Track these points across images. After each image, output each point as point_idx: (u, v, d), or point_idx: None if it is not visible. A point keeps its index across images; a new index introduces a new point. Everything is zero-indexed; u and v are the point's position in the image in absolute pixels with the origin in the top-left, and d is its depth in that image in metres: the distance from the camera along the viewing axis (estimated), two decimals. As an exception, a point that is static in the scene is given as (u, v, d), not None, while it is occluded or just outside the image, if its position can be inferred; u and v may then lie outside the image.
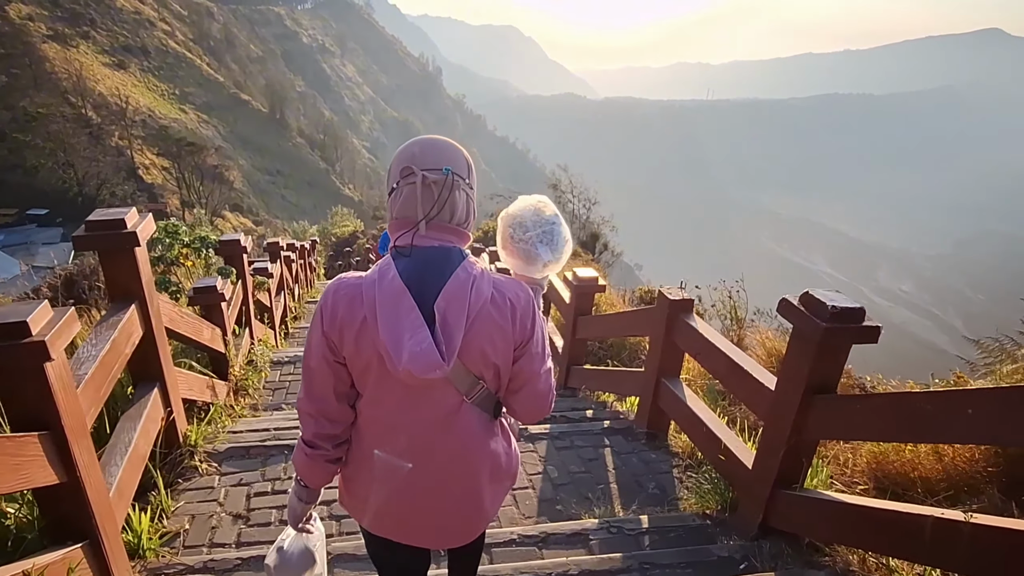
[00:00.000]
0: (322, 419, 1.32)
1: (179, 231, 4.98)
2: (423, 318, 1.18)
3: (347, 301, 1.22)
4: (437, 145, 1.26)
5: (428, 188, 1.21)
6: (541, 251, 1.52)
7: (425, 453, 1.30)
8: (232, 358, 4.49)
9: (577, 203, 26.71)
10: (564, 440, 3.59)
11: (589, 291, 4.70)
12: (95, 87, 70.26)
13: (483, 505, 1.40)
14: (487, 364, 1.26)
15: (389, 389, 1.25)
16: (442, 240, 1.25)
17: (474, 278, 1.21)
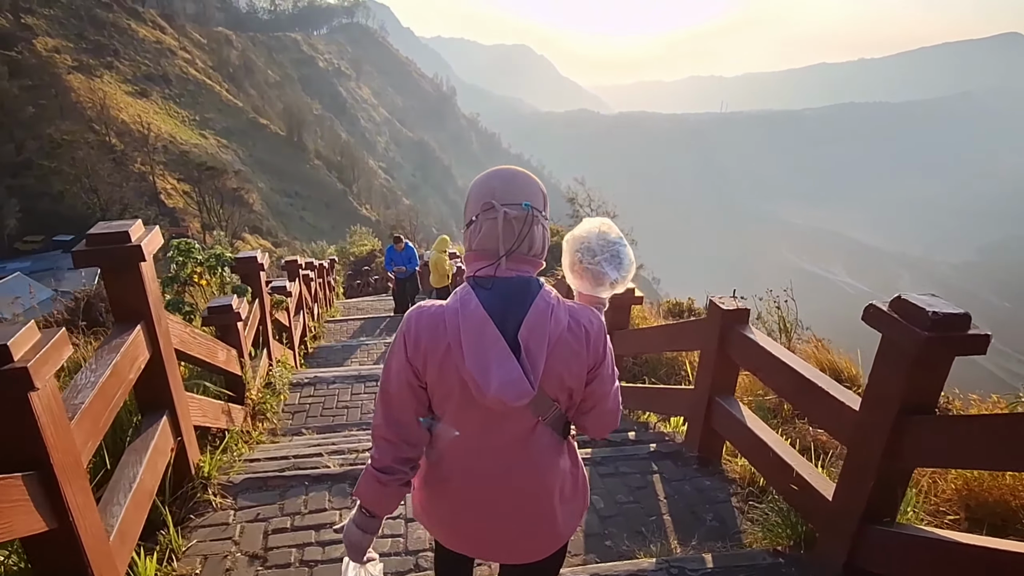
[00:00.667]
0: (403, 444, 1.33)
1: (193, 249, 4.78)
2: (508, 348, 1.21)
3: (430, 329, 1.25)
4: (517, 180, 1.28)
5: (509, 223, 1.24)
6: (609, 272, 1.54)
7: (503, 473, 1.34)
8: (249, 381, 4.25)
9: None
10: (608, 466, 3.28)
11: (625, 304, 4.41)
12: (118, 115, 71.68)
13: (556, 523, 1.41)
14: (563, 388, 1.29)
15: (470, 415, 1.29)
16: (520, 271, 1.28)
17: (552, 307, 1.25)
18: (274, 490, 3.07)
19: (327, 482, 3.13)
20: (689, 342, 3.53)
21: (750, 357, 2.88)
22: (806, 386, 2.42)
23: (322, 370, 6.33)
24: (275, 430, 4.56)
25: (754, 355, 2.82)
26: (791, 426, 4.05)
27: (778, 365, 2.61)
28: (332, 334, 10.13)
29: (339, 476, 3.16)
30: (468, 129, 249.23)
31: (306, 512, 2.91)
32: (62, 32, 79.35)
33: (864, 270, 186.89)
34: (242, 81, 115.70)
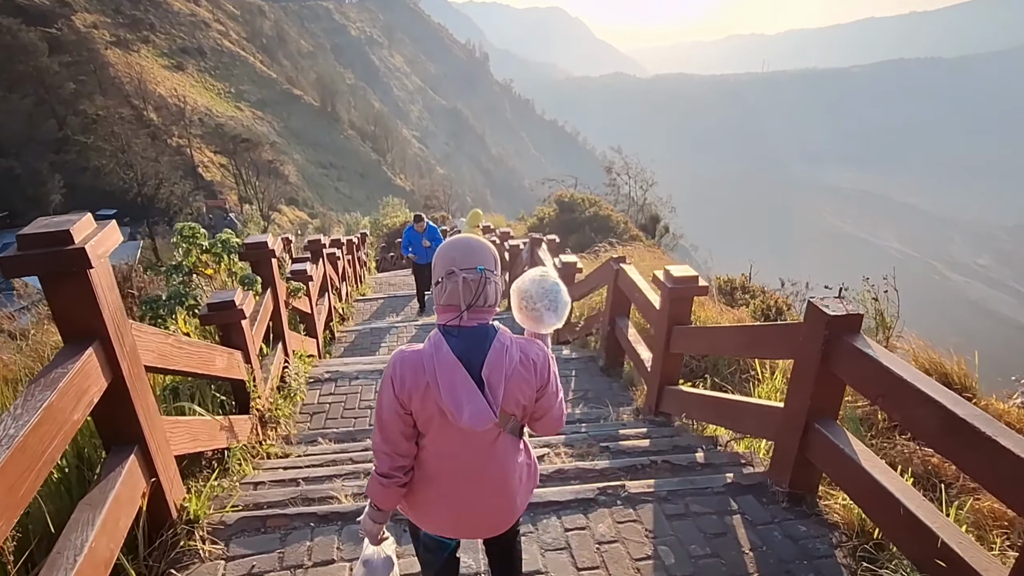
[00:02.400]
0: (395, 455, 1.67)
1: (197, 234, 4.27)
2: (475, 385, 1.54)
3: (412, 370, 1.57)
4: (472, 249, 1.62)
5: (467, 284, 1.57)
6: (547, 317, 1.77)
7: (476, 473, 1.69)
8: (257, 387, 3.75)
9: (633, 185, 25.52)
10: (676, 503, 2.69)
11: (687, 295, 3.76)
12: (155, 89, 72.31)
13: (516, 504, 1.80)
14: (518, 406, 1.64)
15: (448, 433, 1.62)
16: (479, 320, 1.61)
17: (507, 347, 1.60)
18: (274, 533, 2.56)
19: (336, 523, 2.61)
20: (776, 349, 2.87)
21: (867, 379, 2.24)
22: (960, 427, 1.78)
23: (345, 362, 5.85)
24: (289, 437, 4.08)
25: (873, 377, 2.17)
26: (885, 440, 3.39)
27: (914, 395, 1.96)
28: (361, 314, 9.69)
29: (350, 515, 2.63)
30: (501, 96, 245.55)
31: (310, 565, 2.39)
32: (99, 7, 80.00)
33: (913, 234, 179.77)
34: (275, 52, 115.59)
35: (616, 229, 15.57)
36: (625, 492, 2.73)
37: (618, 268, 4.77)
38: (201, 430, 2.89)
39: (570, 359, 5.45)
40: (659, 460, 3.12)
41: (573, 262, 6.29)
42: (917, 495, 2.10)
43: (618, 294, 4.87)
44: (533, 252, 7.75)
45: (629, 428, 3.89)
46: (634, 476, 3.02)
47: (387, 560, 1.98)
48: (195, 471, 2.97)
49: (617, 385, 4.98)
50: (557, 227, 15.24)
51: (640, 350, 4.50)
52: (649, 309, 4.17)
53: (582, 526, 2.57)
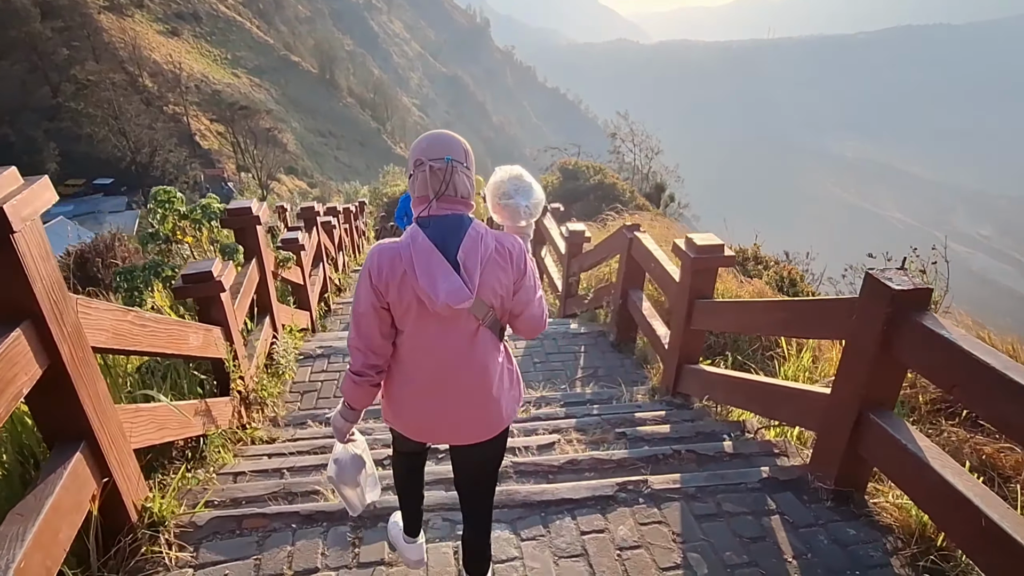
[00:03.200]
0: (368, 352, 1.67)
1: (174, 198, 3.90)
2: (450, 266, 1.55)
3: (389, 261, 1.57)
4: (440, 139, 1.63)
5: (435, 174, 1.58)
6: (520, 200, 1.80)
7: (455, 367, 1.66)
8: (240, 365, 3.43)
9: (638, 153, 24.96)
10: (707, 501, 2.38)
11: (711, 265, 3.41)
12: (150, 55, 70.77)
13: (501, 408, 1.75)
14: (496, 296, 1.63)
15: (426, 324, 1.61)
16: (452, 209, 1.62)
17: (482, 235, 1.61)
18: (251, 535, 2.26)
19: (321, 523, 2.30)
20: (823, 328, 2.52)
21: (939, 365, 1.90)
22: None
23: (340, 336, 5.53)
24: (277, 419, 3.78)
25: (947, 363, 1.84)
26: (929, 425, 3.08)
27: (1007, 387, 1.63)
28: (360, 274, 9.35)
29: (337, 515, 2.32)
30: (503, 63, 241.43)
31: (290, 574, 2.09)
32: (91, -30, 77.96)
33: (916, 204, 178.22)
34: (272, 17, 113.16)
35: (621, 198, 15.14)
36: (648, 488, 2.42)
37: (632, 237, 4.40)
38: (170, 417, 2.56)
39: (578, 334, 5.12)
40: (683, 450, 2.81)
41: (581, 230, 5.92)
42: (1000, 502, 1.77)
43: (632, 265, 4.52)
44: (538, 220, 7.38)
45: (646, 411, 3.58)
46: (656, 468, 2.71)
47: (356, 458, 1.96)
48: (164, 462, 2.66)
49: (629, 362, 4.66)
50: (561, 195, 14.79)
51: (656, 325, 4.16)
52: (667, 281, 3.82)
53: (600, 528, 2.27)
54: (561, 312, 6.34)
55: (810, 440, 2.90)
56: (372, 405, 1.80)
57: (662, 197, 21.04)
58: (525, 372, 4.54)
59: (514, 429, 3.31)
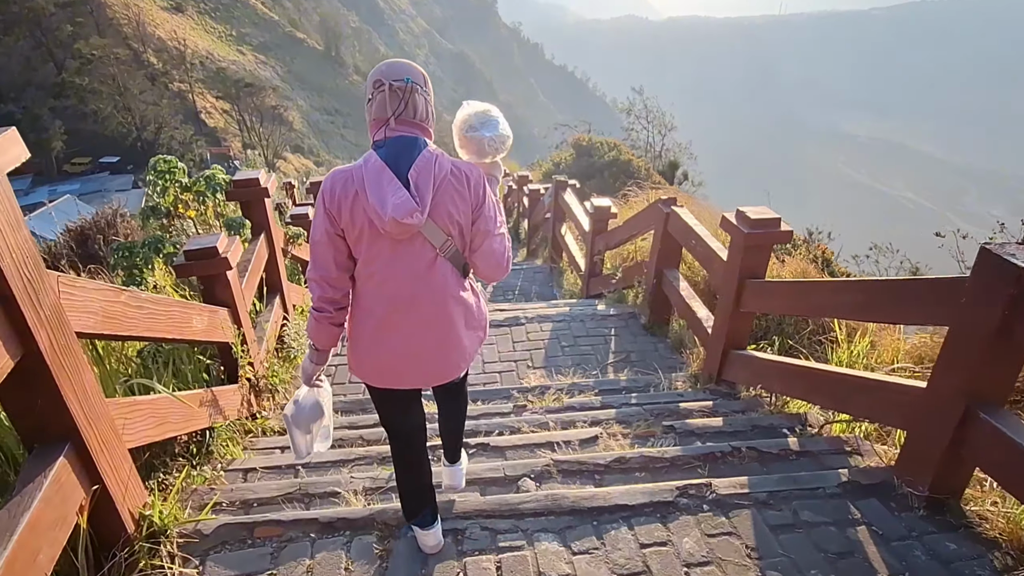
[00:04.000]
0: (325, 284, 1.64)
1: (175, 168, 3.59)
2: (400, 183, 1.53)
3: (342, 182, 1.57)
4: (399, 64, 1.64)
5: (395, 92, 1.59)
6: (485, 133, 1.79)
7: (413, 297, 1.63)
8: (249, 349, 3.14)
9: (652, 130, 24.45)
10: (780, 509, 2.08)
11: (766, 242, 3.09)
12: (154, 32, 69.96)
13: (463, 346, 1.75)
14: (453, 222, 1.61)
15: (379, 248, 1.58)
16: (409, 131, 1.61)
17: (436, 156, 1.59)
18: (264, 545, 1.98)
19: (343, 532, 2.02)
20: (919, 312, 2.17)
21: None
22: None
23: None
24: (289, 407, 3.51)
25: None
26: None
27: None
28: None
29: (361, 523, 2.05)
30: (509, 40, 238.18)
31: (310, 595, 1.82)
32: (93, -56, 76.86)
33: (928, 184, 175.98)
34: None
35: (636, 175, 14.73)
36: (712, 493, 2.13)
37: (669, 211, 4.07)
38: (173, 410, 2.29)
39: (607, 315, 4.81)
40: (742, 447, 2.51)
41: (607, 206, 5.59)
42: None
43: (668, 242, 4.19)
44: (557, 196, 7.03)
45: (690, 400, 3.28)
46: (715, 468, 2.42)
47: (316, 404, 1.95)
48: (166, 459, 2.39)
49: (663, 346, 4.36)
50: (574, 172, 14.40)
51: (696, 307, 3.85)
52: (711, 259, 3.50)
53: (662, 540, 1.98)
54: (584, 292, 6.03)
55: (886, 436, 2.60)
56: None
57: (675, 174, 20.62)
58: (553, 356, 4.25)
59: (549, 420, 3.03)
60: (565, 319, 4.70)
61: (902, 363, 3.25)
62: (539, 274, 7.60)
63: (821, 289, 2.70)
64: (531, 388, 3.65)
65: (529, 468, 2.46)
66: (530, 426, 2.97)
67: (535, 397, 3.54)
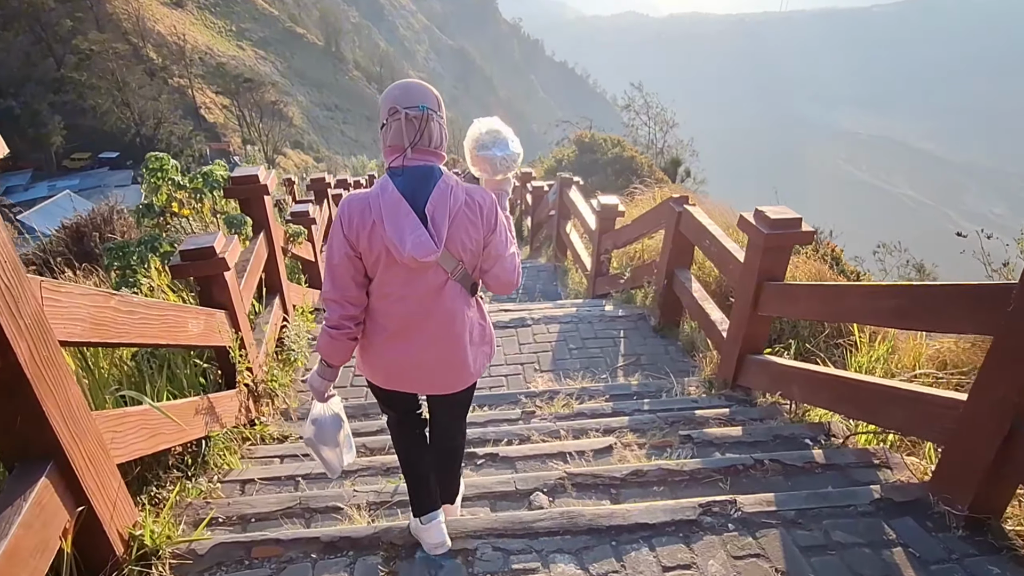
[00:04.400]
0: (345, 303, 1.68)
1: (167, 166, 3.47)
2: (418, 218, 1.56)
3: (359, 211, 1.59)
4: (413, 88, 1.64)
5: (411, 122, 1.58)
6: (497, 152, 1.79)
7: (423, 315, 1.69)
8: (248, 353, 3.02)
9: (653, 127, 24.26)
10: (810, 529, 1.96)
11: (786, 243, 2.97)
12: (154, 26, 69.68)
13: (468, 360, 1.78)
14: (465, 249, 1.65)
15: (395, 273, 1.63)
16: (425, 160, 1.63)
17: (452, 187, 1.61)
18: (262, 566, 1.86)
19: (347, 552, 1.90)
20: (960, 320, 2.03)
21: None
22: None
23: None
24: (288, 412, 3.38)
25: None
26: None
27: None
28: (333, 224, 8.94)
29: (365, 542, 1.93)
30: (510, 36, 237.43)
31: (311, 623, 1.70)
32: (92, -62, 76.46)
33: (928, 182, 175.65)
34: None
35: (639, 171, 14.58)
36: (738, 511, 2.01)
37: (682, 210, 3.95)
38: (165, 421, 2.17)
39: (616, 317, 4.69)
40: (765, 459, 2.39)
41: (614, 204, 5.47)
42: None
43: (680, 241, 4.07)
44: (562, 194, 6.90)
45: (705, 407, 3.16)
46: (737, 482, 2.30)
47: (335, 417, 1.97)
48: (159, 472, 2.27)
49: (674, 349, 4.24)
50: (577, 169, 14.24)
51: (709, 310, 3.73)
52: (727, 260, 3.38)
53: (686, 563, 1.86)
54: (590, 292, 5.90)
55: (912, 447, 2.49)
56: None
57: (678, 172, 20.46)
58: (561, 359, 4.13)
59: (560, 428, 2.91)
60: (572, 320, 4.58)
61: (924, 368, 3.14)
62: (543, 272, 7.48)
63: (853, 293, 2.57)
64: (539, 393, 3.54)
65: (541, 481, 2.34)
66: (540, 434, 2.85)
67: (544, 402, 3.42)
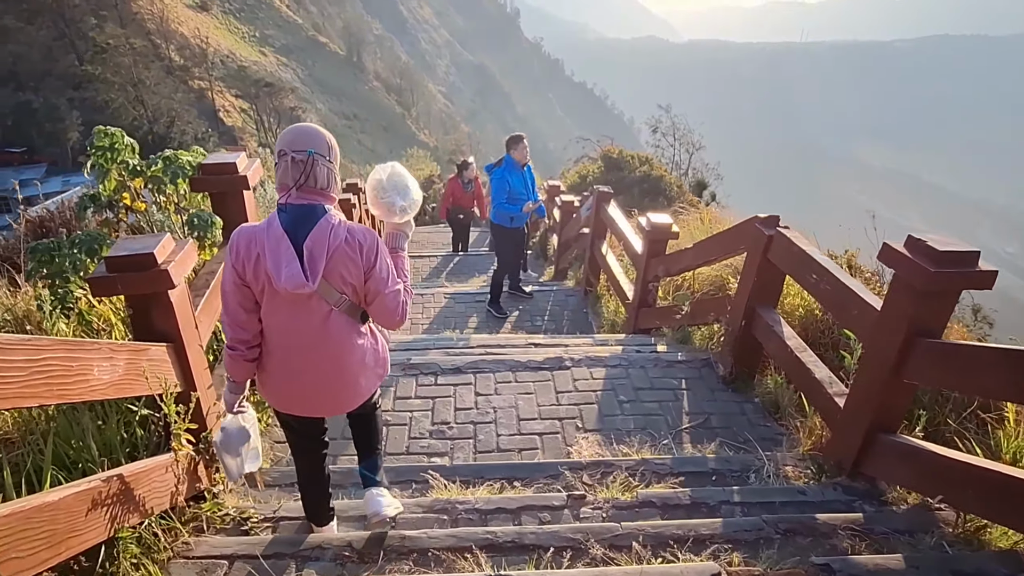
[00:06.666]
0: (236, 327, 1.80)
1: (119, 144, 2.66)
2: (295, 253, 1.70)
3: (247, 242, 1.73)
4: (305, 132, 1.76)
5: (296, 164, 1.72)
6: (397, 200, 1.96)
7: (310, 344, 1.82)
8: (193, 404, 2.18)
9: (678, 148, 23.57)
10: None
11: (953, 287, 2.11)
12: (178, 28, 70.03)
13: (358, 384, 1.94)
14: (346, 283, 1.78)
15: (279, 303, 1.77)
16: (310, 200, 1.75)
17: (332, 226, 1.73)
18: None
19: None
20: None
21: None
22: None
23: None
24: (255, 476, 2.53)
25: None
26: None
27: None
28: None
29: None
30: (530, 54, 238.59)
31: None
32: (122, -61, 77.22)
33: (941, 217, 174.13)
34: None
35: (668, 192, 13.75)
36: None
37: (773, 234, 3.09)
38: (27, 532, 1.32)
39: (673, 361, 3.81)
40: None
41: (667, 224, 4.61)
42: None
43: (768, 273, 3.21)
44: (599, 209, 6.06)
45: (819, 503, 2.29)
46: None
47: (242, 430, 2.07)
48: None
49: (752, 408, 3.35)
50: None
51: (810, 364, 2.85)
52: (848, 304, 2.52)
53: None
54: (632, 326, 5.02)
55: None
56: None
57: (703, 194, 19.69)
58: (610, 415, 3.26)
59: (628, 533, 2.05)
60: (621, 364, 3.71)
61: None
62: (571, 298, 6.61)
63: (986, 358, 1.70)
64: (586, 465, 2.68)
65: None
66: (601, 544, 1.99)
67: (594, 479, 2.57)
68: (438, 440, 3.06)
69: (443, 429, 3.14)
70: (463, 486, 2.55)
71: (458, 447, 3.02)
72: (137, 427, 2.22)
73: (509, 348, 4.15)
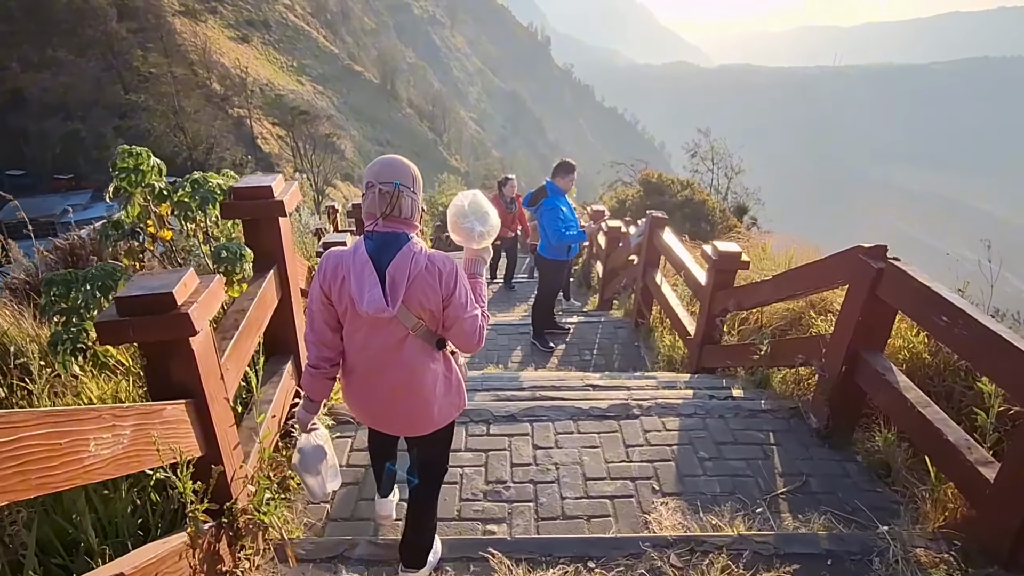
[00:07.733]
0: (321, 345, 1.93)
1: (144, 165, 2.37)
2: (378, 279, 1.78)
3: (334, 265, 1.85)
4: (392, 165, 1.85)
5: (383, 196, 1.81)
6: (476, 226, 2.04)
7: (383, 364, 1.90)
8: (227, 465, 1.83)
9: (717, 172, 23.14)
10: None
11: None
12: (219, 59, 72.19)
13: (431, 410, 1.97)
14: (424, 309, 1.83)
15: (359, 324, 1.87)
16: (394, 228, 1.84)
17: (414, 254, 1.80)
18: None
19: None
20: None
21: None
22: None
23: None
24: (287, 551, 2.16)
25: None
26: None
27: None
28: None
29: None
30: (561, 81, 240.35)
31: None
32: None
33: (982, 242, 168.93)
34: (339, 27, 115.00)
35: (710, 216, 13.28)
36: None
37: (884, 267, 2.66)
38: None
39: (756, 411, 3.33)
40: None
41: (736, 253, 4.17)
42: None
43: (876, 311, 2.76)
44: (653, 235, 5.65)
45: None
46: None
47: (318, 448, 2.13)
48: None
49: (855, 469, 2.88)
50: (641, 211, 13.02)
51: (938, 422, 2.39)
52: (998, 355, 2.07)
53: None
54: (694, 364, 4.56)
55: None
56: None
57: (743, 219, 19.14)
58: (691, 476, 2.82)
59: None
60: (697, 412, 3.28)
61: None
62: (620, 330, 6.18)
63: None
64: (672, 541, 2.25)
65: None
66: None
67: (683, 561, 2.14)
68: (493, 503, 2.66)
69: (499, 489, 2.73)
70: (529, 567, 2.15)
71: (517, 512, 2.61)
72: (152, 492, 1.90)
73: (565, 391, 3.74)
